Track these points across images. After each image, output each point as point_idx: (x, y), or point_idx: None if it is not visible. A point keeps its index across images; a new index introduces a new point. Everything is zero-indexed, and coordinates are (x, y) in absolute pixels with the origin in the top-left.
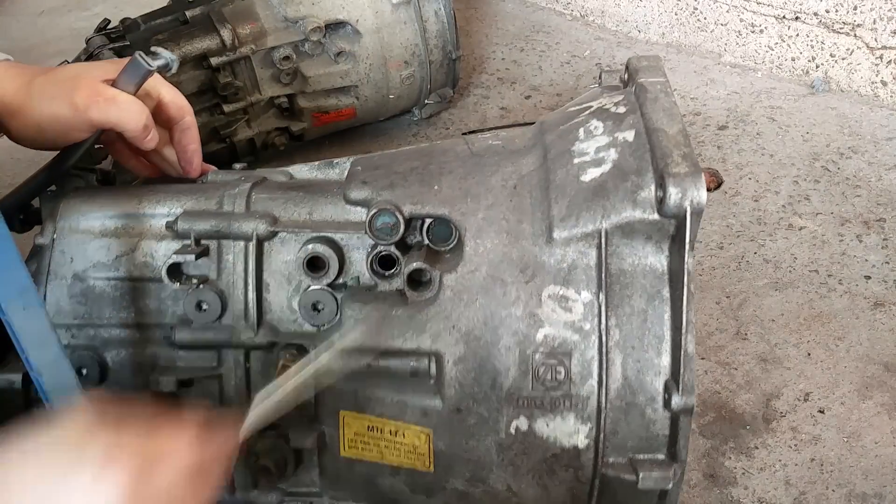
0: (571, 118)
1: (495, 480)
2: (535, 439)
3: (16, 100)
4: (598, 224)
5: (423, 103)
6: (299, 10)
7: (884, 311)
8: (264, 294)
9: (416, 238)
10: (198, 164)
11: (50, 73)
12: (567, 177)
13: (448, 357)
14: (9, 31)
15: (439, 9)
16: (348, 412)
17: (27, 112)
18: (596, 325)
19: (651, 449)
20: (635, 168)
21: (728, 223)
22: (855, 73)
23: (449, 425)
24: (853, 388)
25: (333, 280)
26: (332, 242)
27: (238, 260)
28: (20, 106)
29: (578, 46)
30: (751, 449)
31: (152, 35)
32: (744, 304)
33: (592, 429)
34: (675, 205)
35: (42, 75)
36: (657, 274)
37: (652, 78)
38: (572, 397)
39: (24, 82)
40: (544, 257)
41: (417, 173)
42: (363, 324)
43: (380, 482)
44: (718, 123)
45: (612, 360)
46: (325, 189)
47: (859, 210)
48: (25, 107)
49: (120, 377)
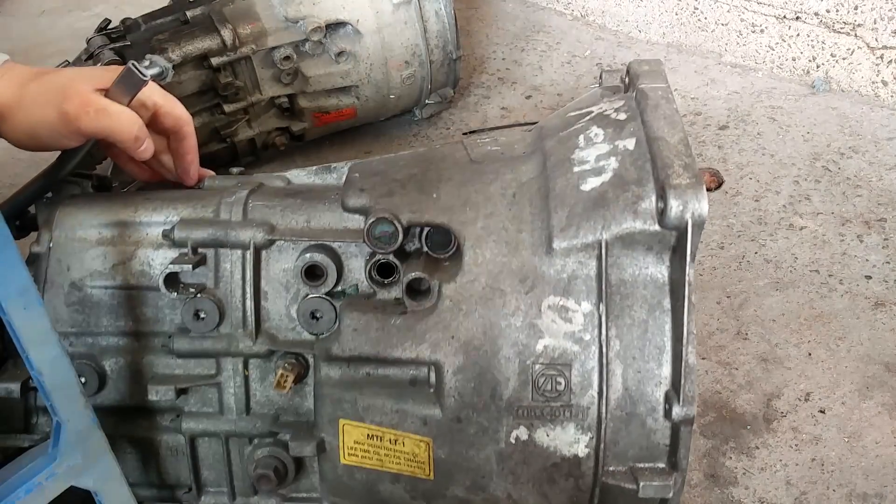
0: (571, 124)
1: (495, 488)
2: (536, 448)
3: (8, 103)
4: (599, 235)
5: (423, 103)
6: (300, 10)
7: (884, 311)
8: (262, 302)
9: (415, 245)
10: (194, 174)
11: (44, 78)
12: (567, 186)
13: (447, 367)
14: (9, 32)
15: (440, 9)
16: (348, 421)
17: (19, 116)
18: (596, 336)
19: (651, 458)
20: (636, 178)
21: (729, 223)
22: (856, 73)
23: (449, 434)
24: (854, 388)
25: (332, 288)
26: (330, 250)
27: (236, 268)
28: (12, 109)
29: (579, 46)
30: (751, 449)
31: (153, 35)
32: (744, 303)
33: (593, 438)
34: (676, 217)
35: (36, 80)
36: (658, 284)
37: (653, 83)
38: (572, 407)
39: (19, 85)
40: (544, 268)
41: (416, 181)
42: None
43: (380, 489)
44: (719, 123)
45: (613, 371)
46: (322, 196)
47: (860, 210)
48: (17, 111)
49: (118, 385)
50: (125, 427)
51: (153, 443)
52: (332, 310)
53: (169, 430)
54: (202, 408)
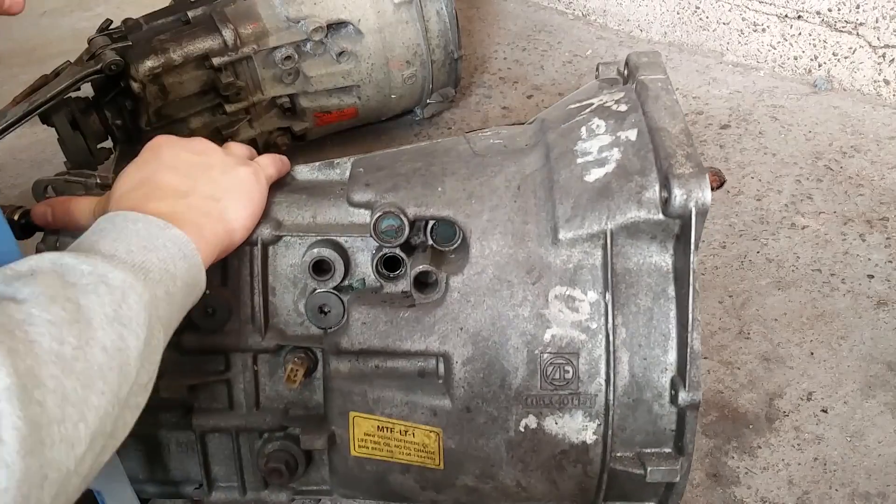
0: (573, 116)
1: (504, 477)
2: (545, 436)
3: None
4: (604, 225)
5: (425, 103)
6: (301, 10)
7: (887, 311)
8: (270, 298)
9: (420, 239)
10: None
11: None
12: (571, 177)
13: (456, 358)
14: (11, 32)
15: (441, 8)
16: (358, 413)
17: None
18: (603, 324)
19: (658, 443)
20: (639, 168)
21: (731, 222)
22: (857, 72)
23: (458, 424)
24: (856, 388)
25: (339, 283)
26: (337, 245)
27: (243, 265)
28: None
29: (580, 46)
30: (754, 448)
31: (154, 35)
32: (746, 303)
33: (601, 425)
34: (679, 206)
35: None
36: (662, 272)
37: (652, 75)
38: (580, 395)
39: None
40: (550, 258)
41: (420, 174)
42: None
43: (390, 479)
44: (721, 122)
45: (620, 358)
46: (327, 191)
47: (862, 209)
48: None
49: None
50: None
51: (160, 439)
52: (341, 304)
53: (178, 426)
54: (212, 404)
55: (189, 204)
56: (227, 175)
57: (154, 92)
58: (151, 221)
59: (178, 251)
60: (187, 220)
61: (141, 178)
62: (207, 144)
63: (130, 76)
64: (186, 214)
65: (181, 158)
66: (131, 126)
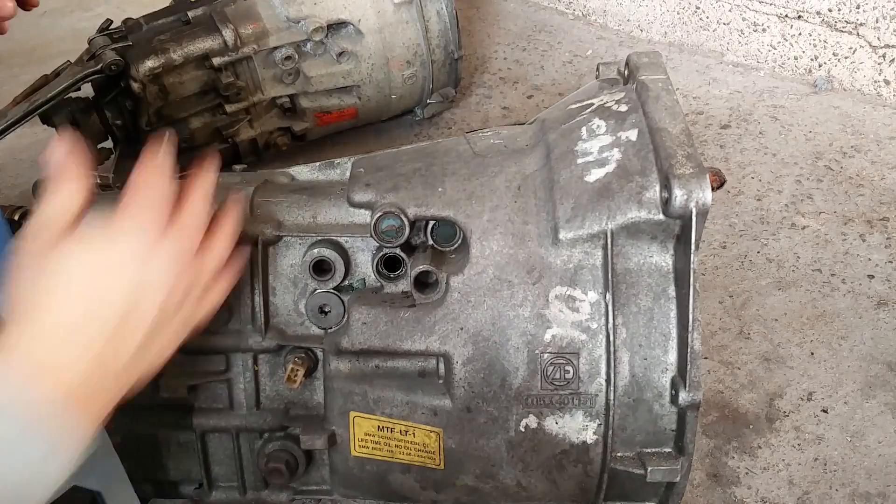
0: (573, 116)
1: (505, 476)
2: (545, 436)
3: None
4: (604, 225)
5: (425, 103)
6: (301, 10)
7: (887, 311)
8: (271, 298)
9: (421, 239)
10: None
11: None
12: (571, 177)
13: (457, 358)
14: (11, 32)
15: (441, 8)
16: (358, 413)
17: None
18: (603, 325)
19: (658, 443)
20: (639, 168)
21: (731, 223)
22: (858, 72)
23: (459, 424)
24: (856, 388)
25: (340, 283)
26: (338, 245)
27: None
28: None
29: (580, 46)
30: (754, 448)
31: (154, 35)
32: (747, 303)
33: (601, 425)
34: (680, 206)
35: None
36: (662, 273)
37: (653, 75)
38: (581, 395)
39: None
40: (550, 258)
41: (420, 175)
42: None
43: (390, 480)
44: (721, 123)
45: (620, 358)
46: (327, 191)
47: (862, 209)
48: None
49: None
50: (131, 423)
51: (160, 439)
52: (341, 304)
53: (178, 426)
54: (212, 403)
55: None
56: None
57: (154, 92)
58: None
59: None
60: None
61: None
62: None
63: (130, 76)
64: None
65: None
66: (131, 126)
